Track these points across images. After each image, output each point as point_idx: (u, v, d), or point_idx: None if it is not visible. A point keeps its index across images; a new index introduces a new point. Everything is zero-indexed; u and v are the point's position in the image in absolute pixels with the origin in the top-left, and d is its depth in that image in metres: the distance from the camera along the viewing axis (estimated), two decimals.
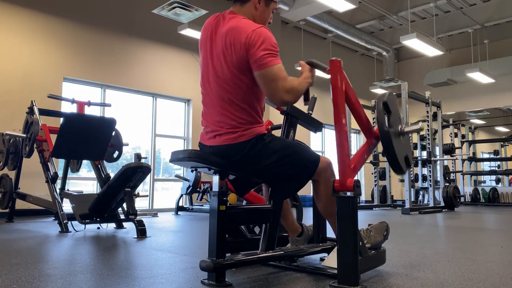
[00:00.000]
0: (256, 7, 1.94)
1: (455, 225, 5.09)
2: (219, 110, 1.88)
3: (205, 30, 1.98)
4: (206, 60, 1.93)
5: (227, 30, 1.84)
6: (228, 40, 1.82)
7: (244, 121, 1.85)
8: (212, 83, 1.89)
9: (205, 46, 1.95)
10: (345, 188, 1.78)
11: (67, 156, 4.67)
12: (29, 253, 2.73)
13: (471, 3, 9.83)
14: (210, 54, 1.91)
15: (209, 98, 1.92)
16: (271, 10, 2.00)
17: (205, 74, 1.94)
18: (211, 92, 1.91)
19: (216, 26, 1.93)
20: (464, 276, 2.04)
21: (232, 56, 1.81)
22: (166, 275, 2.05)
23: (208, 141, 1.93)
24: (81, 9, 6.95)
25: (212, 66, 1.89)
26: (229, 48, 1.81)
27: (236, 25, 1.82)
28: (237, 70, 1.81)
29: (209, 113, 1.93)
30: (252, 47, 1.75)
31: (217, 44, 1.88)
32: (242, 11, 1.93)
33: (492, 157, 13.69)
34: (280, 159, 1.90)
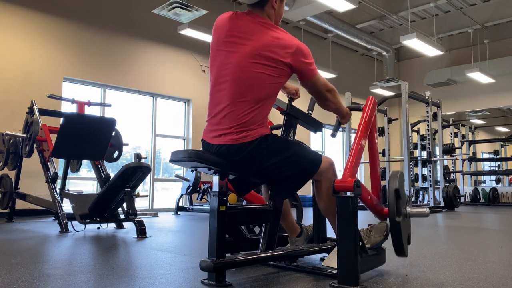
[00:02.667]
0: (274, 6, 1.98)
1: (455, 225, 5.09)
2: (229, 108, 1.85)
3: (222, 28, 1.96)
4: (227, 56, 1.90)
5: (271, 38, 1.88)
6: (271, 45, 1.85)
7: (251, 122, 1.84)
8: (233, 80, 1.87)
9: (226, 43, 1.92)
10: (345, 188, 1.78)
11: (67, 156, 4.67)
12: (29, 253, 2.73)
13: (471, 3, 9.82)
14: (235, 51, 1.88)
15: (222, 94, 1.89)
16: (284, 4, 2.07)
17: (223, 71, 1.90)
18: (228, 90, 1.87)
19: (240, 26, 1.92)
20: (464, 276, 2.04)
21: (272, 60, 1.84)
22: (166, 275, 2.05)
23: (213, 139, 1.91)
24: (81, 9, 6.95)
25: (237, 63, 1.86)
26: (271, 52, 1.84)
27: (281, 36, 1.90)
28: (270, 72, 1.85)
29: (220, 110, 1.89)
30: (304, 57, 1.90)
31: (249, 44, 1.86)
32: (262, 13, 1.95)
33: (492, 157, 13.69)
34: (282, 160, 1.89)
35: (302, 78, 1.96)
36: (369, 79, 12.02)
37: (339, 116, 2.18)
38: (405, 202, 2.03)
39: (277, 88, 1.94)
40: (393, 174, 2.04)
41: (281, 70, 1.87)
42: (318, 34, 10.98)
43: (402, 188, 2.02)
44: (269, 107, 1.94)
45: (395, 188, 1.96)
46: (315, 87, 1.99)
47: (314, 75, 1.95)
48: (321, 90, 2.00)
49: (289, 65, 1.87)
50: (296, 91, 2.33)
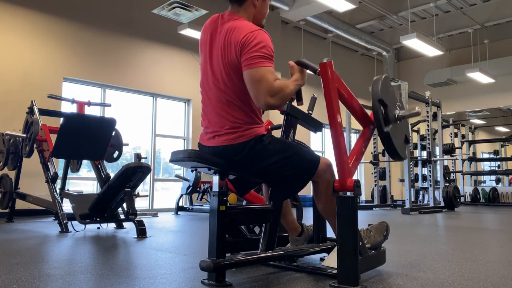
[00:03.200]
0: (255, 4, 1.94)
1: (455, 225, 5.09)
2: (217, 111, 1.88)
3: (204, 31, 1.98)
4: (205, 61, 1.94)
5: (226, 30, 1.84)
6: (227, 39, 1.82)
7: (242, 122, 1.85)
8: (211, 84, 1.90)
9: (204, 47, 1.95)
10: (345, 188, 1.78)
11: (67, 156, 4.67)
12: (29, 253, 2.73)
13: (471, 3, 9.82)
14: (209, 55, 1.91)
15: (208, 99, 1.93)
16: (268, 3, 2.02)
17: (204, 75, 1.94)
18: (210, 93, 1.91)
19: (215, 27, 1.93)
20: (464, 276, 2.04)
21: (229, 56, 1.80)
22: (166, 275, 2.05)
23: (208, 141, 1.93)
24: (81, 9, 6.95)
25: (211, 66, 1.90)
26: (227, 48, 1.81)
27: (234, 26, 1.82)
28: (233, 70, 1.81)
29: (209, 114, 1.93)
30: (247, 47, 1.73)
31: (215, 44, 1.88)
32: (241, 11, 1.92)
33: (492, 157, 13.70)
34: (280, 161, 1.89)
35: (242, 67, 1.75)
36: (369, 79, 11.98)
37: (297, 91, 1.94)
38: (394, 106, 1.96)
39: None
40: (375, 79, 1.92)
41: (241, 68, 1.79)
42: (318, 34, 10.98)
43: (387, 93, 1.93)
44: (256, 106, 1.87)
45: (378, 98, 1.86)
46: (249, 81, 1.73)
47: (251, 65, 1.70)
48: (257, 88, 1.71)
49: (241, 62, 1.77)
50: None
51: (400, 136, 1.98)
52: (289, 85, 1.79)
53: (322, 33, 10.96)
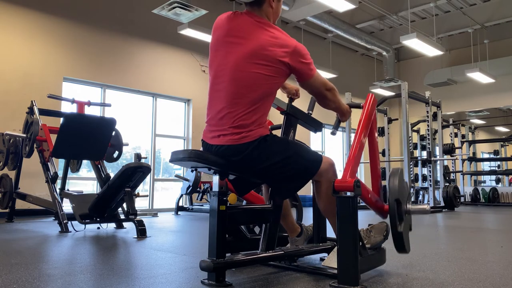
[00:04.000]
0: (272, 5, 1.98)
1: (455, 225, 5.09)
2: (227, 108, 1.85)
3: (221, 28, 1.96)
4: (225, 56, 1.90)
5: (268, 38, 1.87)
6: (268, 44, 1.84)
7: (250, 122, 1.84)
8: (229, 80, 1.87)
9: (225, 43, 1.92)
10: (345, 188, 1.78)
11: (67, 156, 4.67)
12: (29, 253, 2.73)
13: (471, 3, 9.82)
14: (233, 51, 1.88)
15: (220, 94, 1.89)
16: (281, 4, 2.08)
17: (222, 71, 1.91)
18: (226, 90, 1.88)
19: (239, 25, 1.92)
20: (464, 276, 2.04)
21: (269, 59, 1.83)
22: (166, 275, 2.05)
23: (212, 140, 1.92)
24: (81, 9, 6.95)
25: (235, 63, 1.87)
26: (269, 47, 1.84)
27: (278, 36, 1.89)
28: (267, 71, 1.84)
29: (218, 110, 1.89)
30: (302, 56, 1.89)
31: (246, 44, 1.86)
32: (260, 12, 1.95)
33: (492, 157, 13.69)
34: (282, 160, 1.89)
35: (300, 78, 1.94)
36: (369, 79, 12.01)
37: (339, 114, 2.17)
38: (406, 201, 2.02)
39: (275, 88, 1.93)
40: (392, 173, 2.01)
41: (279, 70, 1.86)
42: (318, 34, 10.98)
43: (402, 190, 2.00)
44: (267, 107, 1.92)
45: (395, 198, 1.93)
46: (313, 87, 1.97)
47: (312, 75, 1.93)
48: (320, 89, 1.98)
49: (287, 65, 1.86)
50: (296, 91, 2.32)
51: (407, 229, 2.03)
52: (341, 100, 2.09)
53: (322, 33, 10.96)
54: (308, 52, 1.94)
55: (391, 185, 1.97)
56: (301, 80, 1.95)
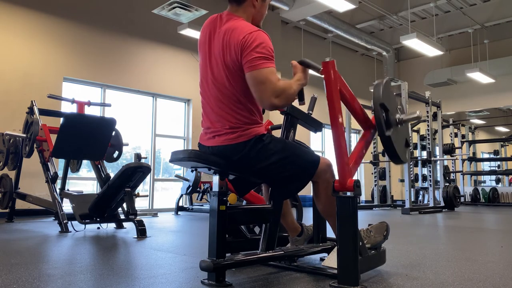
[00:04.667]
0: (254, 5, 1.94)
1: (455, 225, 5.09)
2: (217, 111, 1.88)
3: (203, 31, 1.98)
4: (204, 61, 1.94)
5: (225, 30, 1.84)
6: (225, 40, 1.82)
7: (242, 122, 1.85)
8: (210, 84, 1.90)
9: (203, 48, 1.95)
10: (345, 188, 1.78)
11: (67, 156, 4.67)
12: (29, 253, 2.73)
13: (471, 3, 9.83)
14: (209, 55, 1.91)
15: (208, 99, 1.93)
16: (267, 4, 2.02)
17: (204, 75, 1.95)
18: (210, 93, 1.91)
19: (213, 27, 1.93)
20: (464, 276, 2.04)
21: (228, 56, 1.81)
22: (166, 275, 2.05)
23: (208, 141, 1.93)
24: (81, 9, 6.95)
25: (210, 67, 1.90)
26: (226, 48, 1.82)
27: (234, 26, 1.83)
28: (232, 70, 1.81)
29: (209, 114, 1.93)
30: (247, 48, 1.74)
31: (214, 45, 1.89)
32: (239, 11, 1.92)
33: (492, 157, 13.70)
34: (280, 161, 1.89)
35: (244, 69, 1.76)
36: (369, 79, 12.01)
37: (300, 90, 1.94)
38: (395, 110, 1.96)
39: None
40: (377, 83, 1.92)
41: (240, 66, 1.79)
42: (318, 34, 10.98)
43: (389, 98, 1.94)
44: (256, 106, 1.89)
45: (380, 102, 1.86)
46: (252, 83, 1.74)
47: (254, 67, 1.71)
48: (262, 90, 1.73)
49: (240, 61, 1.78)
50: None
51: (401, 140, 1.99)
52: (292, 85, 1.82)
53: (322, 33, 10.96)
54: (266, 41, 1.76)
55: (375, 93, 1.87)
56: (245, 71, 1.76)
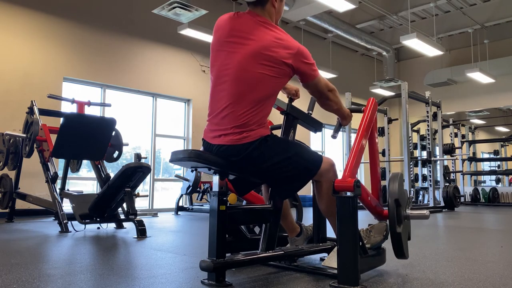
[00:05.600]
0: (274, 5, 1.99)
1: (455, 225, 5.09)
2: (230, 108, 1.85)
3: (223, 28, 1.96)
4: (227, 56, 1.90)
5: (273, 39, 1.87)
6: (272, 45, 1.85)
7: (251, 122, 1.84)
8: (233, 80, 1.86)
9: (227, 43, 1.92)
10: (345, 188, 1.78)
11: (67, 156, 4.67)
12: (29, 253, 2.73)
13: (471, 3, 9.83)
14: (236, 51, 1.88)
15: (223, 94, 1.89)
16: (284, 3, 2.09)
17: (223, 70, 1.91)
18: (227, 89, 1.87)
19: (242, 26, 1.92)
20: (464, 276, 2.04)
21: (273, 60, 1.84)
22: (166, 275, 2.05)
23: (213, 139, 1.91)
24: (81, 9, 6.95)
25: (238, 63, 1.86)
26: (273, 48, 1.84)
27: (282, 37, 1.90)
28: (271, 72, 1.84)
29: (219, 110, 1.89)
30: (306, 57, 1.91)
31: (250, 44, 1.86)
32: (263, 12, 1.96)
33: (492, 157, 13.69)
34: (283, 161, 1.89)
35: (303, 79, 1.96)
36: (369, 79, 12.01)
37: (340, 117, 2.18)
38: (405, 205, 2.03)
39: (278, 89, 1.94)
40: (392, 177, 2.02)
41: (282, 71, 1.87)
42: (318, 34, 10.98)
43: (402, 193, 2.02)
44: (269, 108, 1.93)
45: (395, 198, 1.95)
46: (316, 88, 1.99)
47: (315, 76, 1.95)
48: (323, 90, 2.00)
49: (290, 66, 1.87)
50: (296, 92, 2.32)
51: (406, 234, 2.04)
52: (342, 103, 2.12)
53: (322, 33, 10.96)
54: (310, 54, 1.96)
55: (391, 188, 1.98)
56: (305, 81, 1.96)
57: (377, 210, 2.11)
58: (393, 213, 1.93)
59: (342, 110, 2.12)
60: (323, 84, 1.99)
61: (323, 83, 1.99)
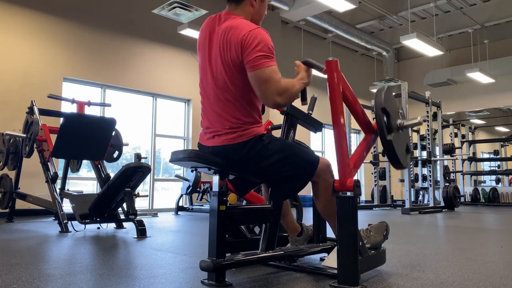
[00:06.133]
0: (253, 4, 1.94)
1: (455, 225, 5.09)
2: (217, 111, 1.88)
3: (202, 31, 1.98)
4: (204, 61, 1.94)
5: (223, 29, 1.84)
6: (225, 39, 1.82)
7: (242, 121, 1.85)
8: (210, 83, 1.90)
9: (203, 47, 1.95)
10: (345, 188, 1.78)
11: (67, 156, 4.67)
12: (29, 253, 2.73)
13: (471, 3, 9.83)
14: (208, 54, 1.91)
15: (208, 98, 1.93)
16: (266, 4, 2.02)
17: (204, 75, 1.95)
18: (209, 93, 1.91)
19: (212, 27, 1.93)
20: (464, 276, 2.04)
21: (227, 56, 1.81)
22: (166, 275, 2.05)
23: (207, 141, 1.93)
24: (81, 9, 6.95)
25: (210, 66, 1.90)
26: (226, 47, 1.81)
27: (232, 25, 1.83)
28: (233, 69, 1.82)
29: (208, 114, 1.93)
30: (247, 47, 1.74)
31: (213, 44, 1.89)
32: (237, 11, 1.92)
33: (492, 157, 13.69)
34: (279, 161, 1.89)
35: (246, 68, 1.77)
36: (369, 79, 12.01)
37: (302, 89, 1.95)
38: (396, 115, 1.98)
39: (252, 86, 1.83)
40: (378, 90, 1.95)
41: (241, 65, 1.79)
42: (318, 34, 10.98)
43: (390, 103, 1.96)
44: (256, 106, 1.90)
45: (381, 107, 1.88)
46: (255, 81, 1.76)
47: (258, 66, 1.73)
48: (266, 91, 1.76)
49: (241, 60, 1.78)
50: None
51: (402, 145, 2.00)
52: (295, 84, 1.85)
53: (322, 33, 10.96)
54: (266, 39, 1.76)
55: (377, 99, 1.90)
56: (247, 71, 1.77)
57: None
58: (381, 122, 1.87)
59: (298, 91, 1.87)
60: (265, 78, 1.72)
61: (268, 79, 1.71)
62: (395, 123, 1.95)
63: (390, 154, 1.91)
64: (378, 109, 1.88)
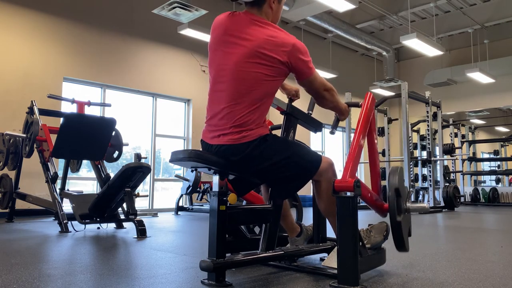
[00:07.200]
0: (272, 7, 1.97)
1: (455, 225, 5.09)
2: (229, 108, 1.85)
3: (219, 27, 1.96)
4: (224, 56, 1.90)
5: (266, 37, 1.85)
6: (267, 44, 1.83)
7: (250, 122, 1.84)
8: (231, 81, 1.86)
9: (223, 43, 1.92)
10: (345, 188, 1.78)
11: (67, 156, 4.67)
12: (29, 253, 2.73)
13: (471, 3, 9.82)
14: (232, 51, 1.88)
15: (221, 95, 1.89)
16: (282, 5, 2.06)
17: (220, 70, 1.91)
18: (225, 90, 1.88)
19: (237, 25, 1.91)
20: (464, 276, 2.04)
21: (269, 59, 1.83)
22: (166, 275, 2.05)
23: (212, 139, 1.91)
24: (81, 9, 6.95)
25: (235, 64, 1.86)
26: (267, 51, 1.83)
27: (276, 34, 1.87)
28: (267, 71, 1.83)
29: (217, 110, 1.90)
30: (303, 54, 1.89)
31: (245, 44, 1.86)
32: (259, 13, 1.94)
33: (492, 157, 13.68)
34: (282, 160, 1.89)
35: (299, 76, 1.94)
36: (369, 79, 12.01)
37: (338, 113, 2.18)
38: (405, 198, 2.02)
39: (275, 88, 1.93)
40: (392, 170, 2.02)
41: (278, 69, 1.86)
42: (318, 34, 10.98)
43: (402, 185, 2.01)
44: (267, 107, 1.93)
45: (395, 187, 1.94)
46: (311, 86, 1.97)
47: (311, 73, 1.93)
48: (318, 89, 1.98)
49: (286, 64, 1.86)
50: (296, 92, 2.32)
51: (406, 228, 2.03)
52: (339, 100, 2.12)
53: (322, 33, 10.96)
54: (307, 50, 1.93)
55: (391, 179, 1.97)
56: (300, 78, 1.94)
57: (378, 204, 2.10)
58: (393, 203, 1.92)
59: (339, 106, 2.11)
60: (318, 82, 1.97)
61: (319, 81, 1.97)
62: (404, 205, 1.99)
63: (397, 235, 1.95)
64: (392, 189, 1.94)
